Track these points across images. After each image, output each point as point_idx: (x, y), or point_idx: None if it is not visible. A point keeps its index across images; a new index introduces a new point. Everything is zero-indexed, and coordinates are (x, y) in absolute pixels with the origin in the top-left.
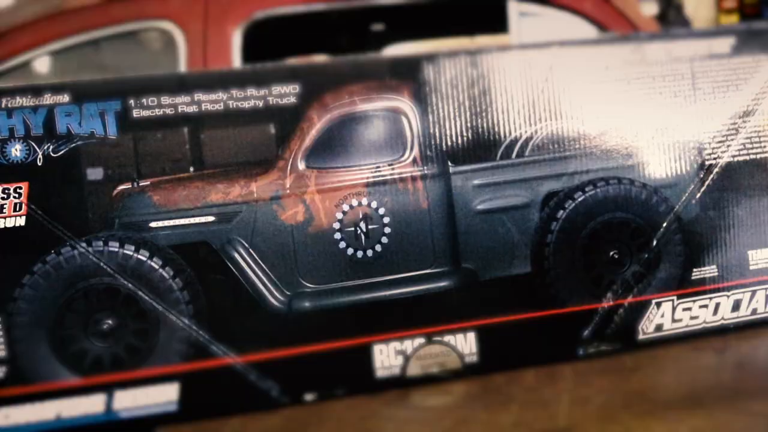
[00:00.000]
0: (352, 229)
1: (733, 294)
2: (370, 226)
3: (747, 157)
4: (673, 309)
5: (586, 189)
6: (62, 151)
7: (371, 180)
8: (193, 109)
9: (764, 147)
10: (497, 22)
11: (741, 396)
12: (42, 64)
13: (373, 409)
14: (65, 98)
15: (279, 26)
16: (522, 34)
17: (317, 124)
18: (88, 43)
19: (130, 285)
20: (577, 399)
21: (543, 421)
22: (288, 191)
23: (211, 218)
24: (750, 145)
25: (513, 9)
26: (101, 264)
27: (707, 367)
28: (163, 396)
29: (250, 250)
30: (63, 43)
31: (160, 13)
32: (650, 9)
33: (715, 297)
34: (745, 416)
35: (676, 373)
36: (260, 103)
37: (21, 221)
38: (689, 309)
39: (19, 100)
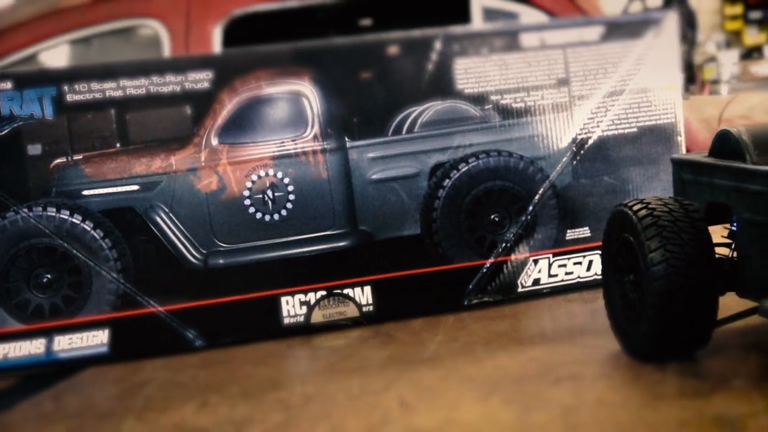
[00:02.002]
0: (260, 196)
1: None
2: (276, 194)
3: (616, 132)
4: (550, 265)
5: (470, 160)
6: (6, 131)
7: (277, 153)
8: (119, 93)
9: (631, 123)
10: (462, 16)
11: (584, 334)
12: (40, 59)
13: (276, 350)
14: (8, 85)
15: (264, 22)
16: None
17: (228, 106)
18: (80, 40)
19: (65, 244)
20: (447, 339)
21: (412, 355)
22: (203, 164)
23: (135, 187)
24: (618, 122)
25: (476, 4)
26: (41, 226)
27: (569, 313)
28: (96, 340)
29: (170, 214)
30: (56, 41)
31: (145, 12)
32: (654, 1)
33: (588, 255)
34: (579, 348)
35: (541, 319)
36: (178, 88)
37: None
38: (564, 265)
39: None
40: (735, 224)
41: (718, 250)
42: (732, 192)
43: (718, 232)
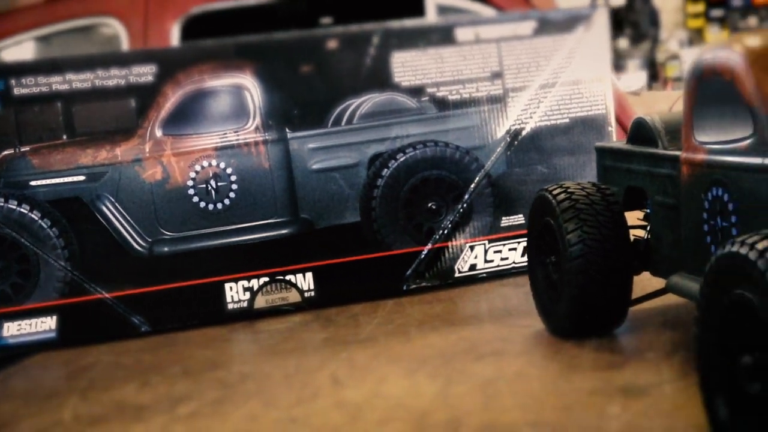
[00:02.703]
0: (204, 186)
1: None
2: (219, 184)
3: (548, 123)
4: (485, 251)
5: (407, 151)
6: None
7: (219, 145)
8: (65, 87)
9: (563, 114)
10: (417, 13)
11: (512, 315)
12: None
13: (220, 334)
14: None
15: (223, 20)
16: None
17: (172, 98)
18: (40, 38)
19: (14, 233)
20: (384, 321)
21: (349, 336)
22: (148, 155)
23: (82, 177)
24: (551, 113)
25: (430, 1)
26: None
27: (501, 297)
28: (44, 326)
29: (116, 204)
30: (14, 39)
31: (104, 10)
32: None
33: (522, 241)
34: (506, 327)
35: (475, 302)
36: (122, 82)
37: None
38: (500, 251)
39: None
40: (649, 207)
41: (635, 232)
42: (646, 176)
43: (636, 216)
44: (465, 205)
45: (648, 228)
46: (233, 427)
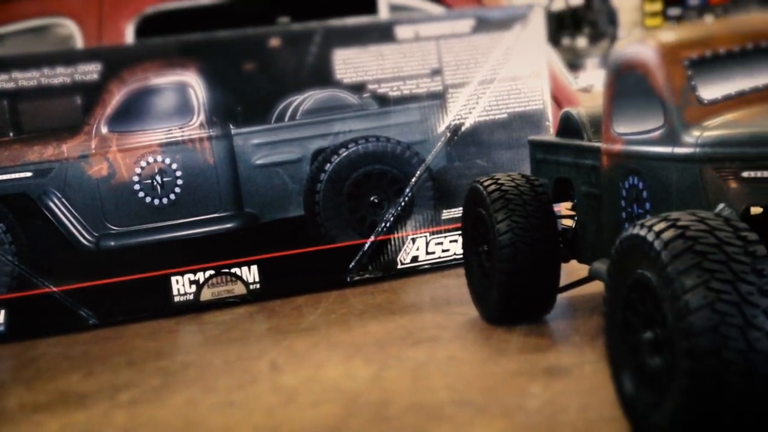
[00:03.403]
0: (149, 181)
1: None
2: (164, 179)
3: (487, 118)
4: (427, 243)
5: (349, 146)
6: None
7: (164, 141)
8: (11, 85)
9: (501, 109)
10: (370, 12)
11: (450, 304)
12: None
13: (166, 326)
14: None
15: (178, 20)
16: None
17: (117, 96)
18: None
19: None
20: (326, 312)
21: (291, 325)
22: (93, 151)
23: (28, 174)
24: (490, 108)
25: (383, 0)
26: None
27: (441, 287)
28: None
29: (63, 199)
30: None
31: (58, 11)
32: None
33: None
34: (443, 315)
35: (416, 292)
36: (68, 80)
37: None
38: (441, 243)
39: None
40: (576, 197)
41: (565, 221)
42: (572, 167)
43: (566, 206)
44: (406, 199)
45: (575, 217)
46: (172, 411)
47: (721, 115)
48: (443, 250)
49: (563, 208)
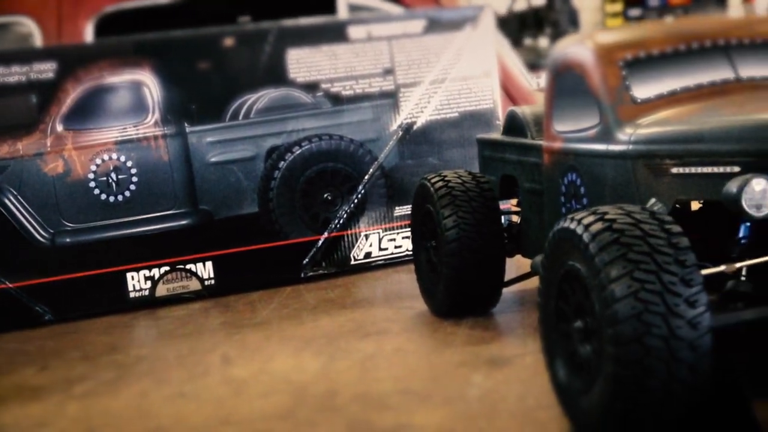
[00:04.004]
0: (105, 178)
1: None
2: (119, 176)
3: (439, 117)
4: (380, 240)
5: (303, 144)
6: None
7: (119, 139)
8: None
9: (453, 108)
10: (329, 11)
11: (401, 299)
12: None
13: (121, 321)
14: None
15: (138, 19)
16: None
17: (72, 94)
18: None
19: None
20: (279, 307)
21: (244, 320)
22: (49, 149)
23: None
24: (441, 107)
25: (342, 0)
26: None
27: (393, 282)
28: None
29: (19, 196)
30: None
31: (17, 10)
32: None
33: None
34: (393, 309)
35: (368, 287)
36: (23, 78)
37: None
38: (394, 240)
39: None
40: (520, 194)
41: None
42: (517, 165)
43: (512, 203)
44: (359, 196)
45: (520, 213)
46: (125, 403)
47: (653, 113)
48: (396, 247)
49: (512, 204)
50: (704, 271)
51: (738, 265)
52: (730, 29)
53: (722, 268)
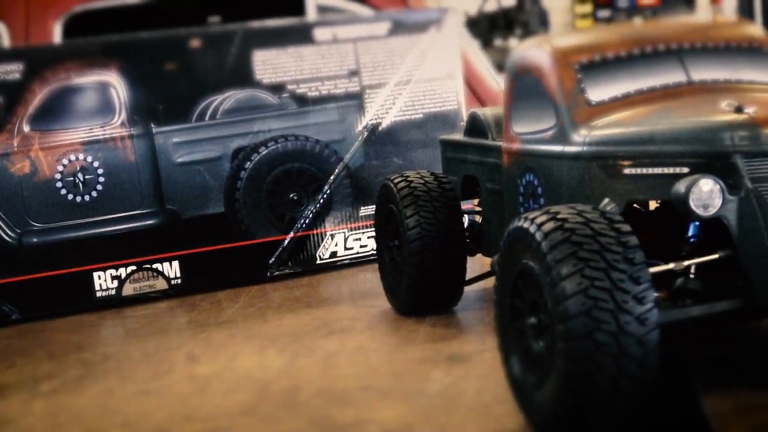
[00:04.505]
0: (72, 179)
1: None
2: (86, 176)
3: (404, 118)
4: (345, 239)
5: (269, 144)
6: None
7: (86, 139)
8: None
9: (417, 110)
10: (298, 12)
11: (365, 297)
12: None
13: (88, 320)
14: None
15: (107, 19)
16: None
17: (39, 95)
18: None
19: None
20: (245, 305)
21: (210, 319)
22: (16, 149)
23: None
24: (406, 108)
25: (310, 1)
26: None
27: (358, 281)
28: None
29: None
30: None
31: None
32: (508, 0)
33: None
34: (357, 308)
35: (333, 286)
36: None
37: None
38: (359, 239)
39: None
40: (481, 194)
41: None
42: (478, 165)
43: (473, 203)
44: (325, 196)
45: (481, 213)
46: (90, 400)
47: (608, 115)
48: (361, 246)
49: (474, 204)
50: (652, 269)
51: (686, 263)
52: (683, 34)
53: (671, 265)
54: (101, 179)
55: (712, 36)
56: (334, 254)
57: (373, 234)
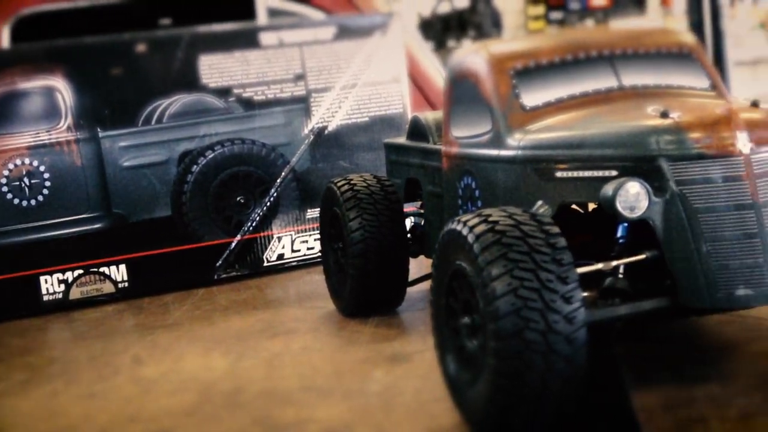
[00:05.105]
0: (17, 183)
1: None
2: (32, 181)
3: (350, 122)
4: (292, 242)
5: (215, 148)
6: None
7: (32, 144)
8: None
9: (363, 113)
10: (249, 15)
11: (311, 299)
12: None
13: (35, 324)
14: None
15: (57, 22)
16: None
17: None
18: None
19: None
20: (192, 308)
21: (156, 321)
22: None
23: None
24: (352, 112)
25: (261, 4)
26: None
27: (305, 283)
28: None
29: None
30: None
31: None
32: (461, 2)
33: None
34: (303, 309)
35: (280, 288)
36: None
37: None
38: (306, 241)
39: None
40: (423, 196)
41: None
42: (420, 168)
43: (415, 205)
44: (272, 199)
45: (423, 215)
46: (35, 402)
47: (541, 120)
48: (308, 248)
49: (417, 207)
50: (580, 269)
51: (614, 263)
52: (615, 40)
53: (600, 266)
54: (47, 183)
55: (644, 42)
56: (281, 257)
57: (319, 237)
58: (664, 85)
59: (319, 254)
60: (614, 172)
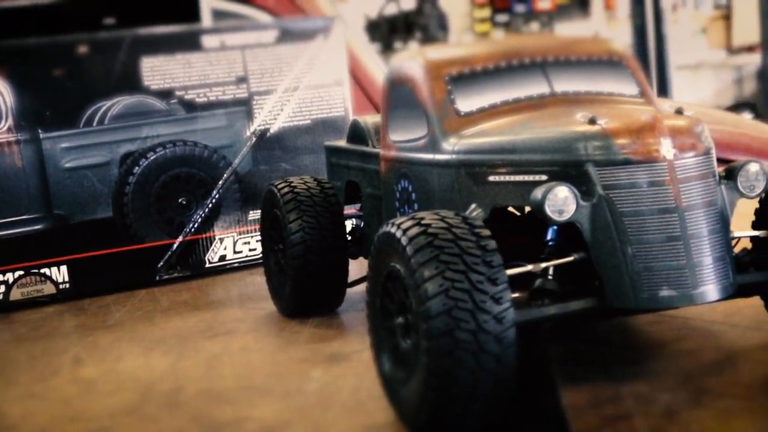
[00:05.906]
0: None
1: None
2: None
3: (292, 124)
4: (234, 243)
5: (157, 150)
6: None
7: None
8: None
9: (305, 116)
10: (193, 16)
11: (252, 300)
12: None
13: None
14: None
15: (1, 20)
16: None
17: None
18: None
19: None
20: (133, 309)
21: (97, 322)
22: None
23: None
24: (294, 114)
25: (205, 6)
26: None
27: (247, 284)
28: None
29: None
30: None
31: None
32: (408, 4)
33: None
34: (243, 310)
35: (222, 289)
36: None
37: None
38: (248, 243)
39: None
40: (362, 199)
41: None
42: (360, 171)
43: (355, 207)
44: (214, 200)
45: (362, 217)
46: None
47: (475, 125)
48: (250, 249)
49: (356, 209)
50: (510, 271)
51: (543, 265)
52: (548, 48)
53: (529, 267)
54: None
55: (575, 50)
56: (223, 258)
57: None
58: (594, 92)
59: (261, 255)
60: (544, 177)
